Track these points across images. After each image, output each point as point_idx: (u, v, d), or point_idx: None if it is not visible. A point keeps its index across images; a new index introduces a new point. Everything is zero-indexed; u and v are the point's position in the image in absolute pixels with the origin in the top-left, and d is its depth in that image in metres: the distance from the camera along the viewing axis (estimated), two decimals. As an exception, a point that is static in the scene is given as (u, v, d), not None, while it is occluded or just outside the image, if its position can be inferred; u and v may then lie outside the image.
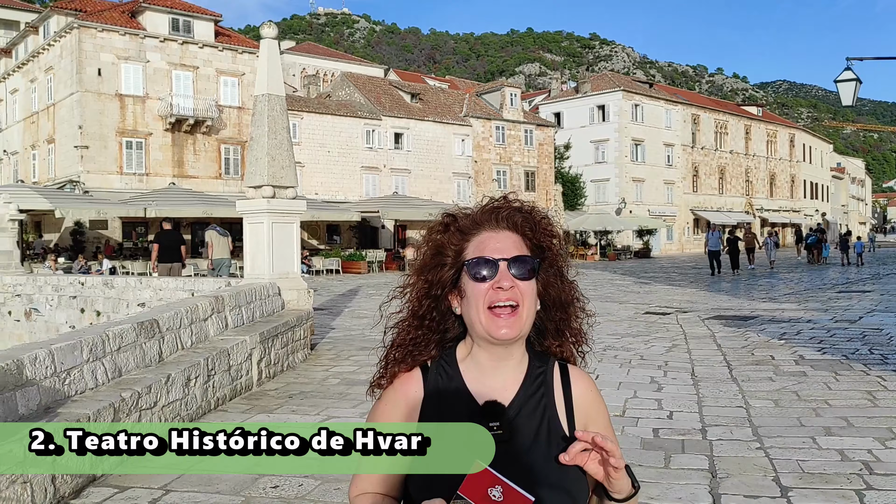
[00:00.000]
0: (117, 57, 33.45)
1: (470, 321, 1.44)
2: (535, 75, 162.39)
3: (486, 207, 1.51)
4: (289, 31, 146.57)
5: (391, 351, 1.53)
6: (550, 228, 1.51)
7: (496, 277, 1.40)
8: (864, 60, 14.68)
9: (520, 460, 1.37)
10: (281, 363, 8.95)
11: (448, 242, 1.48)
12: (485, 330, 1.41)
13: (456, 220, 1.51)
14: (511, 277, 1.41)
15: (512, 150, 48.46)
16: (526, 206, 1.53)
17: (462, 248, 1.47)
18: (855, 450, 5.24)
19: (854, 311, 13.83)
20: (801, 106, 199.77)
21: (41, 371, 4.92)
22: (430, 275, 1.48)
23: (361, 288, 23.03)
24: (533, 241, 1.47)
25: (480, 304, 1.41)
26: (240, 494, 4.68)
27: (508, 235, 1.46)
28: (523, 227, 1.47)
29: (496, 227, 1.47)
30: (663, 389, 7.48)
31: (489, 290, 1.40)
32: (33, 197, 26.81)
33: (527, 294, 1.42)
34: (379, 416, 1.48)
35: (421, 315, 1.50)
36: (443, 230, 1.51)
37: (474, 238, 1.47)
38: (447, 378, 1.46)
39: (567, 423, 1.44)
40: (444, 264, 1.47)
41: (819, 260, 34.55)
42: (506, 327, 1.40)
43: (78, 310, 14.67)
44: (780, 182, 70.71)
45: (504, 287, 1.40)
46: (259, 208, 10.37)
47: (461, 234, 1.48)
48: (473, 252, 1.45)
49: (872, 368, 8.18)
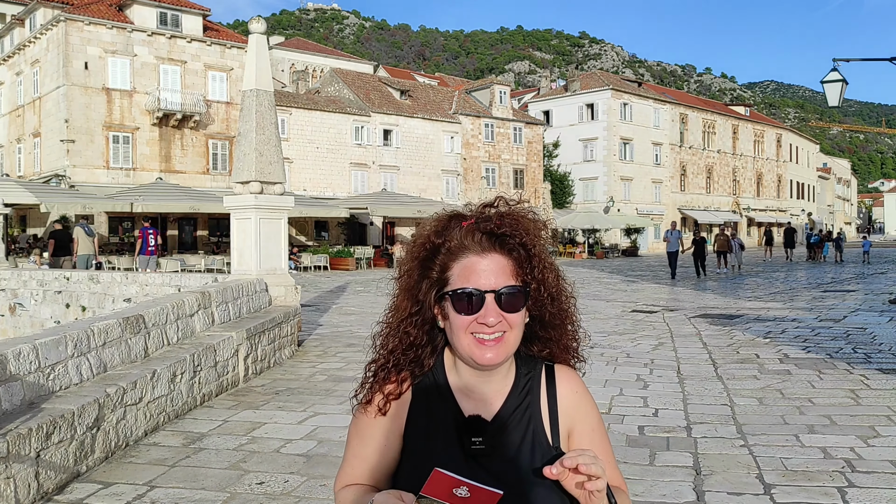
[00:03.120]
0: (104, 50, 33.21)
1: (453, 343, 1.40)
2: (524, 73, 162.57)
3: (473, 226, 1.39)
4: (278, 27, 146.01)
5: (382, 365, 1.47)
6: (545, 249, 1.42)
7: (481, 312, 1.33)
8: (850, 62, 14.79)
9: (502, 473, 1.35)
10: (268, 359, 8.92)
11: (433, 259, 1.41)
12: (468, 356, 1.37)
13: (444, 237, 1.41)
14: (497, 311, 1.33)
15: (501, 148, 48.50)
16: (518, 212, 1.43)
17: (447, 265, 1.39)
18: (838, 447, 5.29)
19: (839, 311, 13.95)
20: (788, 106, 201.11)
21: (25, 366, 4.89)
22: (417, 292, 1.42)
23: (349, 284, 22.99)
24: (526, 265, 1.38)
25: (462, 333, 1.35)
26: (225, 491, 4.66)
27: (497, 260, 1.36)
28: (516, 251, 1.38)
29: (482, 251, 1.37)
30: (649, 387, 7.52)
31: (473, 322, 1.34)
32: (18, 191, 26.57)
33: (515, 323, 1.36)
34: (363, 430, 1.47)
35: (412, 334, 1.43)
36: (429, 247, 1.42)
37: (460, 260, 1.37)
38: (435, 384, 1.44)
39: (551, 431, 1.41)
40: (430, 279, 1.40)
41: (819, 258, 36.30)
42: (491, 352, 1.35)
43: (63, 305, 14.57)
44: (767, 182, 71.17)
45: (490, 324, 1.33)
46: (247, 204, 10.33)
47: (448, 252, 1.39)
48: (458, 278, 1.36)
49: (856, 367, 8.25)
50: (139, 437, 5.75)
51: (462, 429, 1.38)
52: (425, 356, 1.44)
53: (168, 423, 6.27)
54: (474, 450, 1.37)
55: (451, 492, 1.18)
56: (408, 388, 1.45)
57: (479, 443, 1.36)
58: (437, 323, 1.42)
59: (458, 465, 1.33)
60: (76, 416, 4.85)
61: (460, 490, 1.18)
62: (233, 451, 5.51)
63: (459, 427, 1.39)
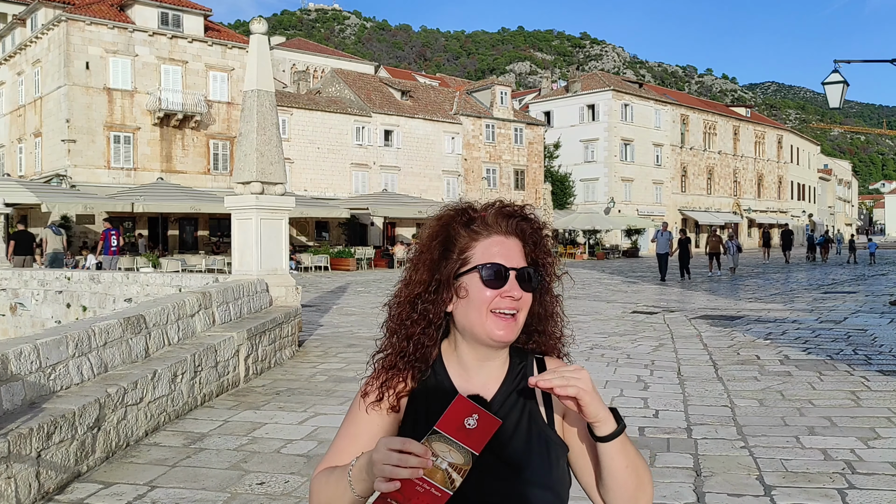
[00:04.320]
0: (106, 50, 33.22)
1: (468, 321, 1.43)
2: (525, 74, 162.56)
3: (500, 211, 1.49)
4: (279, 27, 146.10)
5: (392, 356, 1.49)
6: (549, 245, 1.52)
7: (506, 287, 1.41)
8: (851, 63, 14.79)
9: (502, 453, 1.38)
10: (268, 360, 8.93)
11: (457, 237, 1.46)
12: (485, 331, 1.41)
13: (468, 218, 1.48)
14: (519, 288, 1.42)
15: (502, 149, 48.50)
16: (533, 217, 1.52)
17: (468, 246, 1.45)
18: (838, 449, 5.29)
19: (839, 312, 13.94)
20: (789, 107, 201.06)
21: (26, 366, 4.89)
22: (438, 270, 1.46)
23: (350, 285, 23.00)
24: (533, 256, 1.47)
25: (484, 307, 1.41)
26: (226, 491, 4.66)
27: (516, 244, 1.46)
28: (530, 239, 1.48)
29: (506, 234, 1.46)
30: (649, 388, 7.52)
31: (497, 296, 1.41)
32: (19, 190, 26.53)
33: (526, 304, 1.44)
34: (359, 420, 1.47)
35: (431, 311, 1.46)
36: (454, 225, 1.48)
37: (483, 240, 1.45)
38: (433, 373, 1.48)
39: (546, 413, 1.46)
40: (450, 258, 1.46)
41: (825, 258, 37.23)
42: (504, 329, 1.41)
43: (64, 305, 14.58)
44: (768, 183, 71.14)
45: (515, 296, 1.41)
46: (247, 204, 10.34)
47: (472, 232, 1.46)
48: (483, 255, 1.44)
49: (856, 369, 8.25)
50: (140, 437, 5.76)
51: None
52: (433, 345, 1.47)
53: (169, 423, 6.27)
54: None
55: (463, 422, 1.21)
56: (413, 383, 1.47)
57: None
58: (445, 308, 1.45)
59: None
60: (77, 415, 4.85)
61: (470, 420, 1.21)
62: (233, 452, 5.51)
63: None
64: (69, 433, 4.74)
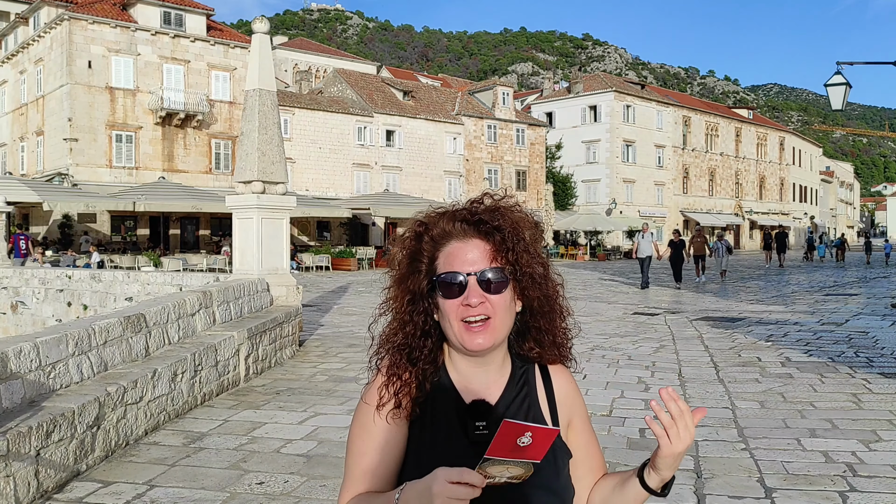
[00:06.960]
0: (108, 49, 33.25)
1: (446, 332, 1.43)
2: (527, 75, 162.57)
3: (454, 214, 1.45)
4: (281, 27, 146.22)
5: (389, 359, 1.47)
6: (529, 235, 1.46)
7: (465, 294, 1.38)
8: (854, 65, 14.79)
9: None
10: (269, 359, 8.92)
11: (421, 250, 1.45)
12: (459, 342, 1.40)
13: (428, 228, 1.46)
14: (480, 293, 1.38)
15: (503, 150, 48.49)
16: (500, 205, 1.47)
17: (434, 255, 1.44)
18: (839, 451, 5.27)
19: (841, 314, 13.92)
20: (791, 109, 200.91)
21: (26, 364, 4.88)
22: (410, 283, 1.45)
23: (351, 285, 23.00)
24: (505, 248, 1.42)
25: (452, 318, 1.39)
26: (225, 490, 4.65)
27: (477, 244, 1.41)
28: (498, 235, 1.42)
29: (464, 237, 1.42)
30: (650, 390, 7.50)
31: (460, 305, 1.38)
32: (21, 189, 26.58)
33: (499, 306, 1.39)
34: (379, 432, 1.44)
35: (411, 323, 1.45)
36: (416, 239, 1.46)
37: (444, 248, 1.43)
38: (436, 379, 1.46)
39: (550, 419, 1.46)
40: (420, 271, 1.44)
41: (840, 258, 37.67)
42: (480, 338, 1.38)
43: (65, 303, 14.58)
44: (770, 185, 71.10)
45: (472, 304, 1.37)
46: (249, 203, 10.33)
47: (433, 242, 1.44)
48: (443, 265, 1.41)
49: (858, 371, 8.23)
50: (139, 437, 5.75)
51: (465, 415, 1.41)
52: (434, 350, 1.46)
53: (168, 422, 6.26)
54: (478, 435, 1.39)
55: (516, 443, 1.18)
56: (416, 387, 1.45)
57: (483, 427, 1.39)
58: (434, 316, 1.45)
59: (463, 452, 1.35)
60: (76, 414, 4.85)
61: (524, 438, 1.18)
62: (233, 451, 5.50)
63: (462, 414, 1.42)
64: (68, 432, 4.74)
